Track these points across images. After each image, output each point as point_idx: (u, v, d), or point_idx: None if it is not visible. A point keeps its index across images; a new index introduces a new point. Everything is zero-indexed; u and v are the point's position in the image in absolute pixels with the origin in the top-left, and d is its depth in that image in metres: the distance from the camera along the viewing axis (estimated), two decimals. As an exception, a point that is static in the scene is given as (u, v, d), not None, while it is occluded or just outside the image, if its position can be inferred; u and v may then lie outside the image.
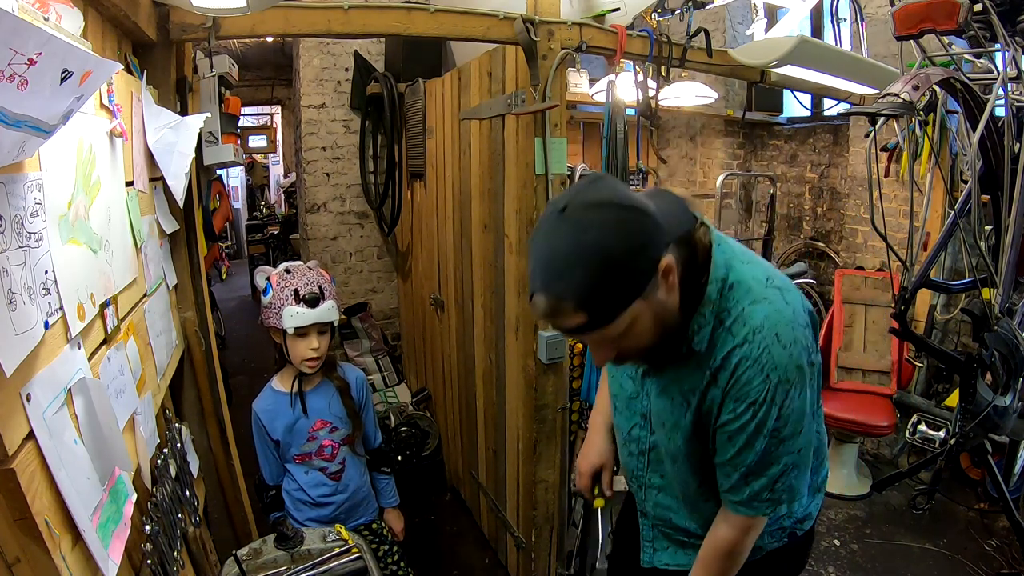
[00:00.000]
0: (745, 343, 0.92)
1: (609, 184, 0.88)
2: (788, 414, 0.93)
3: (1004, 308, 1.79)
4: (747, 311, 0.94)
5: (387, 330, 3.92)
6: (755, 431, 0.94)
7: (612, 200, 0.84)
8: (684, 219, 0.97)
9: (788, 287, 1.00)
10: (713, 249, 0.98)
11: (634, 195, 0.88)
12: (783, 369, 0.91)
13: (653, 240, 0.86)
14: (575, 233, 0.82)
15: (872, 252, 3.52)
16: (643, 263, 0.85)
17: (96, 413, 0.94)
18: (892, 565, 2.53)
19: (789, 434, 0.95)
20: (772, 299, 0.95)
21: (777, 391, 0.92)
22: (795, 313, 0.96)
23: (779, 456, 0.96)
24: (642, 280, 0.86)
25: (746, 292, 0.96)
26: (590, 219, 0.82)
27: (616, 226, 0.82)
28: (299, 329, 1.67)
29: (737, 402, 0.94)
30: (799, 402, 0.94)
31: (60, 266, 0.89)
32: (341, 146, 3.80)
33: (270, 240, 7.73)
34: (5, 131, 0.65)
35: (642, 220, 0.85)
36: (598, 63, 3.79)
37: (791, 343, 0.92)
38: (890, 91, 1.45)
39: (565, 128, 2.00)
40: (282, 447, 1.78)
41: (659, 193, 1.00)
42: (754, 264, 1.01)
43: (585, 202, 0.84)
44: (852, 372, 3.16)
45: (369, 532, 1.90)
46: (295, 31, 1.86)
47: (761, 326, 0.92)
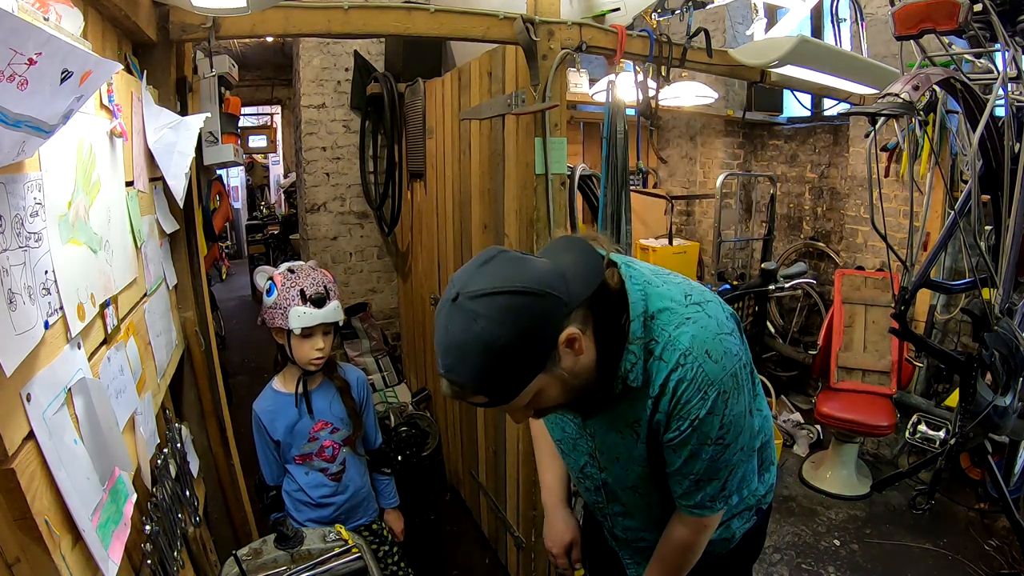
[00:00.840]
0: (678, 367, 0.95)
1: (500, 265, 0.88)
2: (729, 421, 0.97)
3: (1004, 308, 1.79)
4: (674, 336, 0.96)
5: (387, 330, 3.92)
6: (700, 443, 0.98)
7: (500, 288, 0.84)
8: (593, 270, 0.96)
9: (706, 299, 1.02)
10: (627, 286, 0.98)
11: (528, 269, 0.87)
12: (719, 382, 0.94)
13: (547, 320, 0.87)
14: (465, 323, 0.84)
15: (872, 252, 3.52)
16: (535, 347, 0.87)
17: (96, 413, 0.94)
18: (892, 565, 2.53)
19: (733, 438, 0.99)
20: (695, 318, 0.97)
21: (716, 403, 0.95)
22: (719, 324, 0.98)
23: (727, 460, 1.00)
24: (537, 361, 0.88)
25: (669, 318, 0.97)
26: (477, 311, 0.83)
27: (503, 316, 0.83)
28: (305, 330, 1.67)
29: (680, 420, 0.97)
30: (738, 407, 0.98)
31: (60, 266, 0.89)
32: (341, 146, 3.80)
33: (270, 240, 7.73)
34: (5, 131, 0.65)
35: (532, 305, 0.85)
36: (598, 63, 3.79)
37: (722, 355, 0.95)
38: (890, 91, 1.45)
39: (565, 128, 2.00)
40: (282, 448, 1.78)
41: (566, 245, 1.00)
42: (668, 284, 1.03)
43: (474, 292, 0.84)
44: (852, 372, 3.16)
45: (369, 533, 1.90)
46: (295, 31, 1.86)
47: (690, 348, 0.94)
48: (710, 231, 4.46)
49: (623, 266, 1.01)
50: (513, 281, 0.85)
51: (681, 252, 4.40)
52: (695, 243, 4.64)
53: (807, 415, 3.70)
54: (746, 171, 4.51)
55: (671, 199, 4.34)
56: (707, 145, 4.71)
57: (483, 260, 0.90)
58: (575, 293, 0.90)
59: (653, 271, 1.05)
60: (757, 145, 4.57)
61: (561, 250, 0.98)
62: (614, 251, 1.05)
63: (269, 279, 1.74)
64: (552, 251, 0.99)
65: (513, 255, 0.91)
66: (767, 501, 1.28)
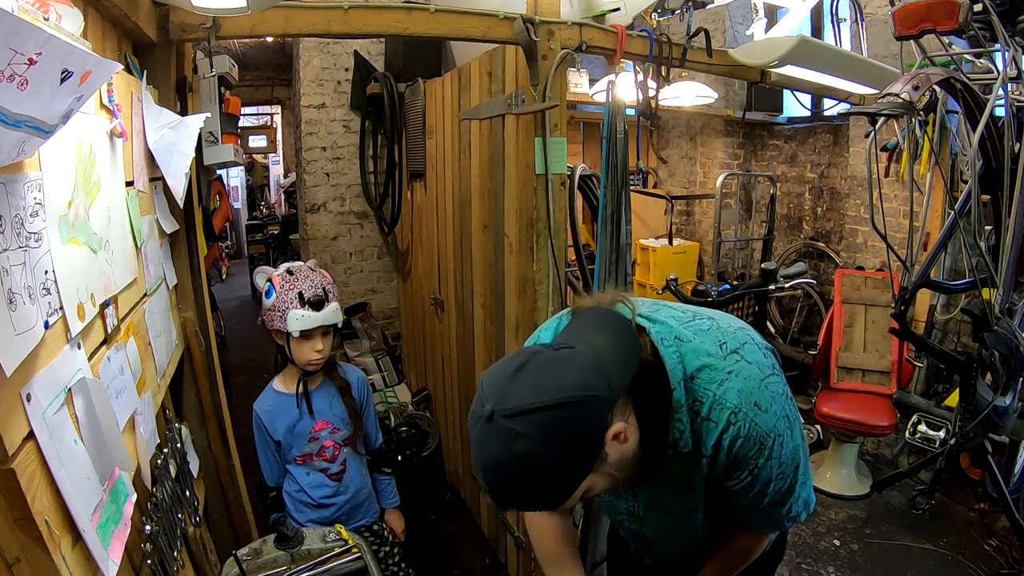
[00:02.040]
0: (730, 426, 0.91)
1: (536, 374, 0.80)
2: (787, 459, 0.95)
3: (1004, 308, 1.79)
4: (719, 395, 0.92)
5: (387, 330, 3.92)
6: (763, 485, 0.96)
7: (539, 404, 0.76)
8: (630, 351, 0.89)
9: (741, 342, 0.96)
10: (661, 352, 0.92)
11: (566, 373, 0.80)
12: (773, 430, 0.92)
13: (592, 426, 0.81)
14: (504, 444, 0.77)
15: (872, 252, 3.52)
16: (582, 456, 0.81)
17: (96, 413, 0.94)
18: (892, 565, 2.53)
19: (792, 469, 0.97)
20: (736, 370, 0.93)
21: (773, 449, 0.93)
22: (761, 367, 0.95)
23: (791, 488, 0.99)
24: (584, 468, 0.82)
25: (710, 376, 0.93)
26: (516, 430, 0.76)
27: (546, 435, 0.76)
28: (304, 332, 1.66)
29: (740, 470, 0.95)
30: (793, 441, 0.96)
31: (60, 266, 0.89)
32: (341, 146, 3.80)
33: (270, 240, 7.73)
34: (5, 131, 0.65)
35: (575, 416, 0.78)
36: (598, 63, 3.79)
37: (770, 402, 0.93)
38: (890, 91, 1.45)
39: (565, 128, 2.00)
40: (283, 448, 1.78)
41: (596, 321, 0.94)
42: (700, 333, 0.97)
43: (511, 410, 0.77)
44: (852, 372, 3.16)
45: (370, 533, 1.90)
46: (295, 31, 1.86)
47: (739, 405, 0.91)
48: (710, 231, 4.46)
49: (652, 330, 0.95)
50: (552, 393, 0.77)
51: (681, 252, 4.40)
52: (695, 243, 4.64)
53: (807, 415, 3.70)
54: (746, 171, 4.51)
55: (671, 199, 4.34)
56: (707, 145, 4.71)
57: (516, 368, 0.81)
58: (616, 385, 0.83)
59: (680, 321, 0.99)
60: (757, 145, 4.57)
61: (592, 328, 0.92)
62: (639, 311, 0.98)
63: (268, 280, 1.73)
64: (581, 329, 0.93)
65: (547, 356, 0.82)
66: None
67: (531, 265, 2.03)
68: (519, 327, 2.15)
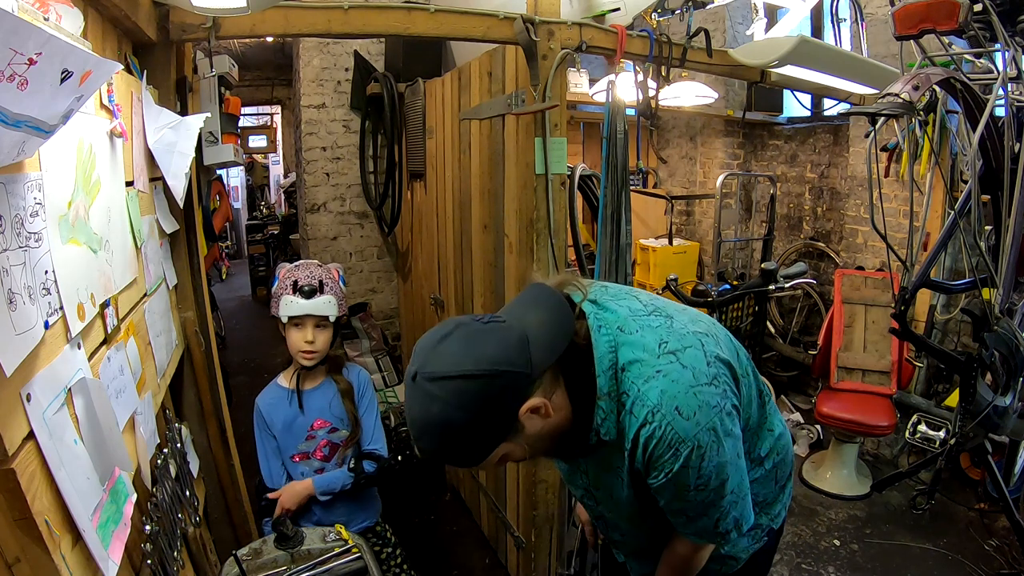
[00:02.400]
0: (646, 424, 0.92)
1: (457, 344, 0.87)
2: (709, 472, 0.93)
3: (1004, 308, 1.79)
4: (642, 391, 0.93)
5: (387, 330, 3.92)
6: (679, 490, 0.96)
7: (454, 372, 0.84)
8: (561, 331, 0.94)
9: (685, 345, 0.97)
10: (593, 337, 0.96)
11: (486, 346, 0.86)
12: (692, 438, 0.91)
13: (504, 398, 0.87)
14: (424, 404, 0.85)
15: (872, 252, 3.52)
16: (493, 424, 0.88)
17: (96, 413, 0.94)
18: (892, 565, 2.53)
19: (716, 484, 0.95)
20: (666, 370, 0.93)
21: (691, 459, 0.92)
22: (696, 375, 0.94)
23: (713, 502, 0.97)
24: (497, 435, 0.89)
25: (639, 371, 0.94)
26: (433, 393, 0.84)
27: (458, 400, 0.84)
28: (293, 319, 1.70)
29: (656, 471, 0.95)
30: (719, 457, 0.94)
31: (60, 266, 0.89)
32: (341, 146, 3.80)
33: (270, 240, 7.73)
34: (5, 131, 0.65)
35: (487, 387, 0.85)
36: (598, 63, 3.79)
37: (695, 411, 0.91)
38: (890, 91, 1.45)
39: (565, 128, 2.00)
40: (281, 445, 1.78)
41: (535, 298, 0.98)
42: (645, 329, 0.98)
43: (430, 374, 0.85)
44: (852, 372, 3.16)
45: (372, 535, 1.89)
46: (295, 31, 1.86)
47: (659, 404, 0.91)
48: (710, 231, 4.46)
49: (592, 316, 0.98)
50: (468, 364, 0.84)
51: (681, 252, 4.40)
52: (695, 243, 4.64)
53: (807, 415, 3.70)
54: (746, 171, 4.51)
55: (671, 199, 4.34)
56: (707, 145, 4.71)
57: (441, 336, 0.88)
58: (539, 362, 0.88)
59: (633, 313, 1.01)
60: (757, 145, 4.57)
61: (530, 305, 0.96)
62: (589, 295, 1.02)
63: (280, 269, 1.79)
64: (522, 305, 0.97)
65: (472, 328, 0.89)
66: (780, 520, 1.24)
67: (531, 265, 2.03)
68: (519, 327, 2.15)
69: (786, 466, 1.22)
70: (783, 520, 1.26)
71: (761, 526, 1.21)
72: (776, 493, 1.21)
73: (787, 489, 1.24)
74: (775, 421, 1.18)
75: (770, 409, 1.16)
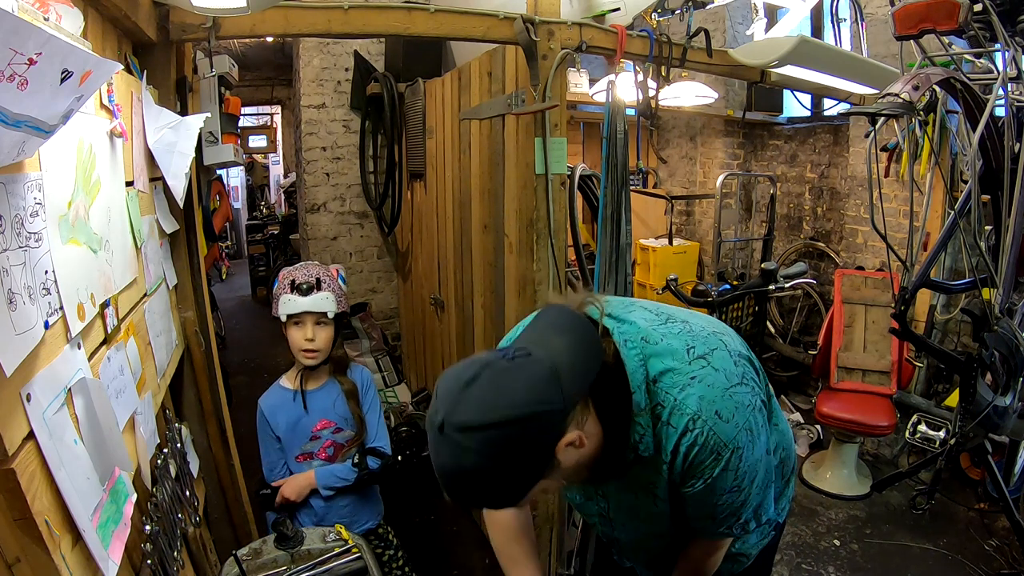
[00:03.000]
0: (687, 432, 0.90)
1: (485, 389, 0.79)
2: (744, 472, 0.93)
3: (1004, 308, 1.79)
4: (680, 400, 0.91)
5: (387, 330, 3.92)
6: (717, 495, 0.94)
7: (486, 422, 0.76)
8: (590, 356, 0.88)
9: (711, 347, 0.95)
10: (623, 353, 0.92)
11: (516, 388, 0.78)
12: (732, 441, 0.90)
13: (541, 440, 0.81)
14: (455, 456, 0.78)
15: (872, 252, 3.52)
16: (530, 468, 0.82)
17: (96, 413, 0.94)
18: (892, 565, 2.53)
19: (748, 482, 0.95)
20: (700, 376, 0.92)
21: (731, 460, 0.91)
22: (728, 375, 0.93)
23: (744, 499, 0.97)
24: (533, 477, 0.83)
25: (672, 380, 0.92)
26: (464, 445, 0.77)
27: (493, 450, 0.77)
28: (292, 317, 1.70)
29: (695, 479, 0.93)
30: (754, 455, 0.93)
31: (60, 266, 0.89)
32: (341, 146, 3.80)
33: (270, 240, 7.73)
34: (5, 131, 0.65)
35: (523, 433, 0.78)
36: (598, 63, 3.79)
37: (733, 412, 0.91)
38: (890, 91, 1.45)
39: (565, 128, 2.00)
40: (285, 446, 1.78)
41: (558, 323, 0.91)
42: (669, 336, 0.96)
43: (459, 423, 0.77)
44: (852, 372, 3.16)
45: (375, 536, 1.89)
46: (295, 31, 1.86)
47: (698, 411, 0.90)
48: (710, 231, 4.46)
49: (616, 331, 0.94)
50: (499, 412, 0.77)
51: (681, 252, 4.40)
52: (695, 243, 4.64)
53: (807, 415, 3.70)
54: (746, 171, 4.51)
55: (671, 199, 4.34)
56: (707, 145, 4.70)
57: (468, 380, 0.79)
58: (571, 394, 0.82)
59: (650, 321, 0.98)
60: (757, 145, 4.57)
61: (554, 331, 0.89)
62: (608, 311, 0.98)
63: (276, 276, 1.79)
64: (544, 331, 0.91)
65: (498, 369, 0.80)
66: (785, 514, 1.25)
67: (531, 265, 2.03)
68: (519, 327, 2.15)
69: (789, 460, 1.23)
70: (787, 513, 1.28)
71: (770, 520, 1.21)
72: (781, 488, 1.22)
73: (791, 483, 1.25)
74: (779, 417, 1.18)
75: (774, 405, 1.16)
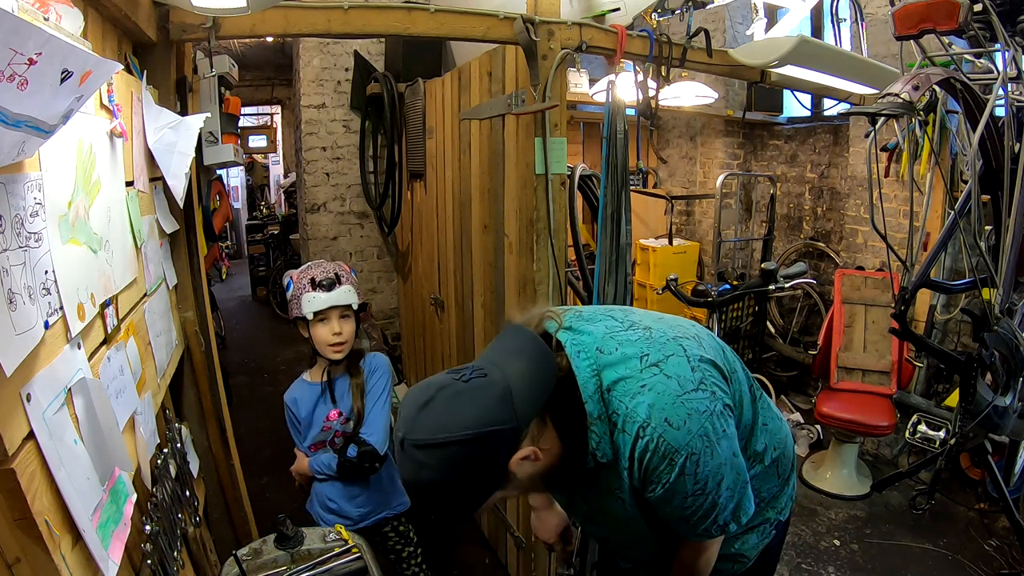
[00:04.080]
0: (639, 439, 0.92)
1: (440, 411, 0.85)
2: (705, 476, 0.93)
3: (1004, 308, 1.79)
4: (631, 408, 0.93)
5: (387, 330, 3.92)
6: (678, 499, 0.96)
7: (440, 440, 0.83)
8: (545, 376, 0.93)
9: (667, 354, 0.97)
10: (574, 364, 0.96)
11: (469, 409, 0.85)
12: (685, 447, 0.91)
13: (493, 457, 0.87)
14: (414, 470, 0.86)
15: (872, 252, 3.52)
16: (484, 482, 0.89)
17: (96, 413, 0.94)
18: (892, 565, 2.53)
19: (713, 486, 0.95)
20: (651, 383, 0.94)
21: (686, 466, 0.92)
22: (681, 383, 0.94)
23: (713, 501, 0.97)
24: (489, 488, 0.90)
25: (624, 388, 0.95)
26: (421, 461, 0.84)
27: (446, 466, 0.84)
28: (318, 314, 1.71)
29: (653, 484, 0.95)
30: (714, 460, 0.94)
31: (60, 266, 0.89)
32: (341, 146, 3.80)
33: (270, 240, 7.72)
34: (5, 131, 0.65)
35: (475, 451, 0.84)
36: (598, 63, 3.79)
37: (685, 419, 0.92)
38: (890, 91, 1.45)
39: (565, 128, 2.00)
40: (303, 435, 1.81)
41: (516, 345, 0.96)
42: (625, 345, 0.98)
43: (416, 441, 0.84)
44: (852, 372, 3.16)
45: (394, 532, 1.90)
46: (295, 31, 1.86)
47: (648, 419, 0.92)
48: (710, 231, 4.46)
49: (569, 344, 0.98)
50: (452, 430, 0.83)
51: (681, 252, 4.40)
52: (695, 243, 4.64)
53: (807, 415, 3.70)
54: (746, 171, 4.51)
55: (671, 199, 4.34)
56: (707, 145, 4.71)
57: (423, 401, 0.87)
58: (524, 413, 0.88)
59: (611, 329, 1.01)
60: (757, 145, 4.57)
61: (511, 352, 0.94)
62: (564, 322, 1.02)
63: (288, 277, 1.80)
64: (502, 352, 0.95)
65: (453, 390, 0.87)
66: (786, 514, 1.25)
67: (531, 265, 2.03)
68: (519, 327, 2.15)
69: (786, 459, 1.22)
70: (790, 511, 1.26)
71: (768, 520, 1.21)
72: (780, 487, 1.22)
73: (791, 481, 1.25)
74: (769, 416, 1.18)
75: (762, 405, 1.16)
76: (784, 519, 1.25)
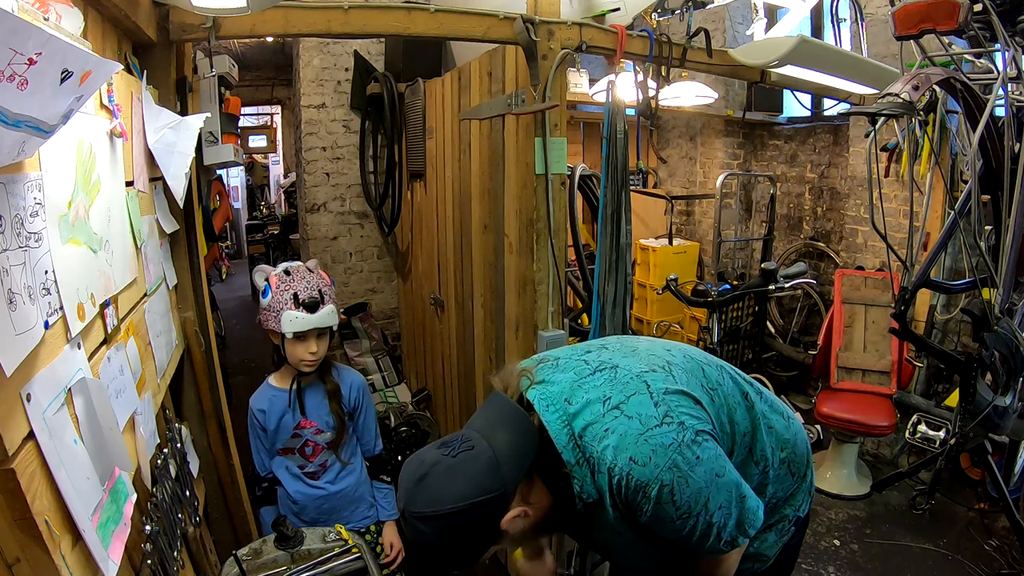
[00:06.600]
0: (612, 478, 0.97)
1: (434, 486, 0.94)
2: (686, 501, 0.95)
3: (1004, 308, 1.79)
4: (600, 452, 0.97)
5: (387, 330, 3.92)
6: (667, 524, 0.98)
7: (436, 512, 0.92)
8: (528, 443, 1.00)
9: (628, 395, 1.01)
10: (544, 419, 1.01)
11: (462, 481, 0.93)
12: (655, 481, 0.94)
13: (486, 520, 0.95)
14: (415, 536, 0.96)
15: (872, 252, 3.52)
16: (479, 542, 0.98)
17: (96, 413, 0.94)
18: (892, 565, 2.53)
19: (699, 509, 0.96)
20: (612, 427, 0.98)
21: (662, 496, 0.94)
22: (643, 420, 0.97)
23: (705, 522, 0.97)
24: (484, 547, 0.99)
25: (592, 434, 0.99)
26: (421, 529, 0.94)
27: (444, 533, 0.94)
28: (298, 333, 1.65)
29: (638, 512, 0.98)
30: (693, 484, 0.95)
31: (60, 266, 0.89)
32: (341, 146, 3.80)
33: (270, 240, 7.73)
34: (5, 131, 0.65)
35: (469, 519, 0.93)
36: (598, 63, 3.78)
37: (649, 456, 0.94)
38: (890, 91, 1.45)
39: (565, 128, 2.00)
40: (270, 440, 1.79)
41: (499, 416, 1.03)
42: (591, 390, 1.03)
43: (415, 512, 0.94)
44: (852, 372, 3.16)
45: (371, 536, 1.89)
46: (295, 31, 1.86)
47: (614, 462, 0.96)
48: (710, 231, 4.46)
49: (538, 401, 1.03)
50: (445, 504, 0.92)
51: (681, 252, 4.40)
52: (695, 243, 4.64)
53: (807, 415, 3.70)
54: (746, 171, 4.51)
55: (671, 199, 4.34)
56: (707, 145, 4.70)
57: (418, 477, 0.96)
58: (511, 478, 0.96)
59: (580, 374, 1.06)
60: (757, 145, 4.57)
61: (495, 422, 1.01)
62: (536, 378, 1.08)
63: (266, 280, 1.73)
64: (488, 421, 1.02)
65: (444, 466, 0.95)
66: (805, 509, 1.24)
67: (531, 265, 2.03)
68: (519, 327, 2.15)
69: (799, 456, 1.21)
70: (809, 506, 1.26)
71: (787, 517, 1.21)
72: (795, 484, 1.21)
73: (807, 477, 1.24)
74: (773, 419, 1.17)
75: (761, 409, 1.15)
76: (803, 515, 1.24)
